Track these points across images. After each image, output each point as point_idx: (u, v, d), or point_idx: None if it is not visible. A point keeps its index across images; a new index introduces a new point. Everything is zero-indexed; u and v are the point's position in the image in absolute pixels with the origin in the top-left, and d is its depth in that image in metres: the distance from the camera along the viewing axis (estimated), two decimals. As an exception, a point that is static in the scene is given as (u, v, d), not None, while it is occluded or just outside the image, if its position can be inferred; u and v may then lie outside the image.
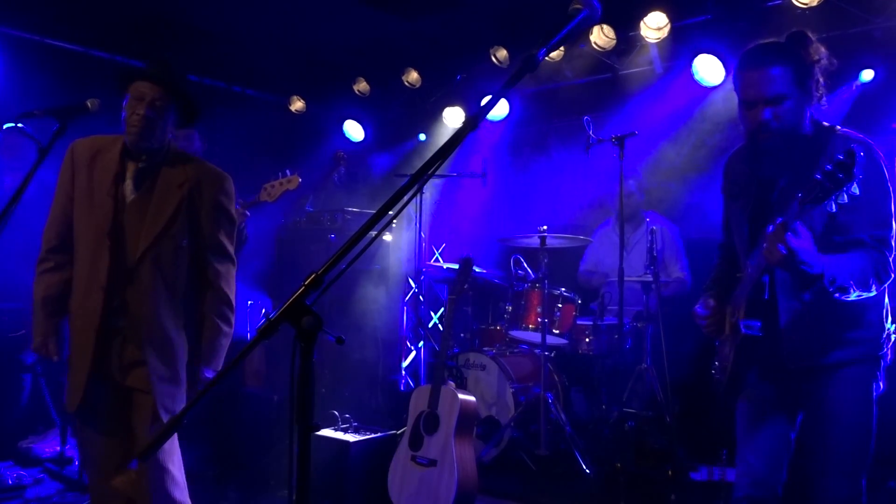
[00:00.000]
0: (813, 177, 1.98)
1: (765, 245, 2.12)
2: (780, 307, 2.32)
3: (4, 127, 4.29)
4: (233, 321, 2.85)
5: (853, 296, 2.19)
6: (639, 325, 4.85)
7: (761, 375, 2.44)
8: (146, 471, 2.61)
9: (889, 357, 2.39)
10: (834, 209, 1.99)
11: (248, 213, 4.09)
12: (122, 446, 2.71)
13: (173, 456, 2.69)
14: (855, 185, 1.95)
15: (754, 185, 2.44)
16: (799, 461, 2.44)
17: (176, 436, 2.78)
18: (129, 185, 2.69)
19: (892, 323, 2.41)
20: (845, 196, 1.96)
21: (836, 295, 2.19)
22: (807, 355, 2.31)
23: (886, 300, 2.38)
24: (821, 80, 2.33)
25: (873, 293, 2.26)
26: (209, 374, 2.76)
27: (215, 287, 2.80)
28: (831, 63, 2.34)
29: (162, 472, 2.62)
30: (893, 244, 2.27)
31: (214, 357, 2.78)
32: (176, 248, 2.70)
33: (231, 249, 2.86)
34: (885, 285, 2.28)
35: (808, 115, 2.33)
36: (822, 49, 2.33)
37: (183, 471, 2.74)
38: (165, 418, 2.63)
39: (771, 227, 2.09)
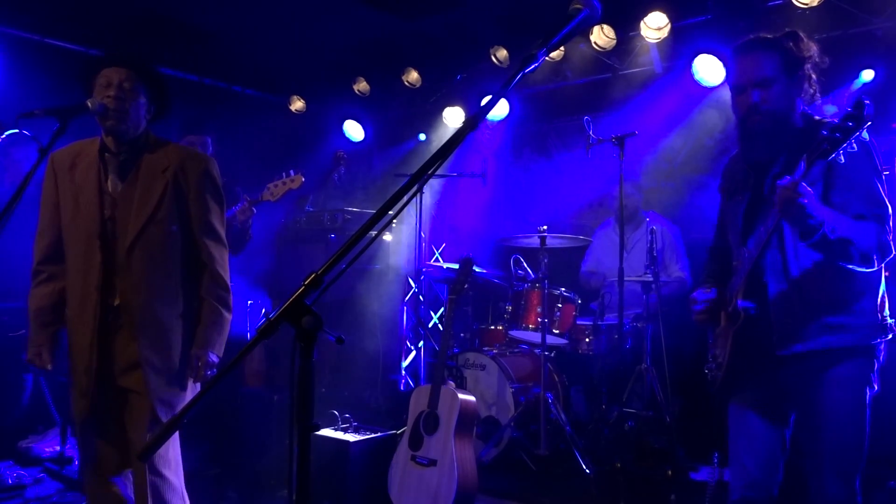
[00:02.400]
0: (819, 134, 2.02)
1: (778, 202, 2.12)
2: (769, 290, 2.33)
3: (4, 135, 4.27)
4: (231, 305, 2.81)
5: (857, 259, 2.20)
6: (639, 325, 4.85)
7: (754, 369, 2.43)
8: (143, 476, 2.59)
9: (883, 355, 2.37)
10: (843, 160, 2.03)
11: (255, 210, 4.08)
12: (119, 450, 2.70)
13: (171, 462, 2.67)
14: (865, 131, 1.99)
15: (751, 177, 2.46)
16: (793, 461, 2.44)
17: (178, 442, 2.76)
18: (113, 179, 2.69)
19: (892, 316, 2.39)
20: (854, 144, 2.00)
21: (841, 261, 2.21)
22: (795, 338, 2.30)
23: (882, 288, 2.37)
24: (813, 76, 2.38)
25: (875, 267, 2.26)
26: (214, 359, 2.73)
27: (211, 271, 2.76)
28: (822, 61, 2.39)
29: (158, 477, 2.60)
30: (892, 225, 2.29)
31: (218, 340, 2.75)
32: (166, 235, 2.67)
33: (222, 232, 2.83)
34: (886, 261, 2.28)
35: (799, 107, 2.37)
36: (814, 46, 2.38)
37: (182, 477, 2.72)
38: (163, 413, 2.61)
39: (786, 180, 2.09)
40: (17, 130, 2.67)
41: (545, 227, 4.65)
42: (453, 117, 6.46)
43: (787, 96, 2.33)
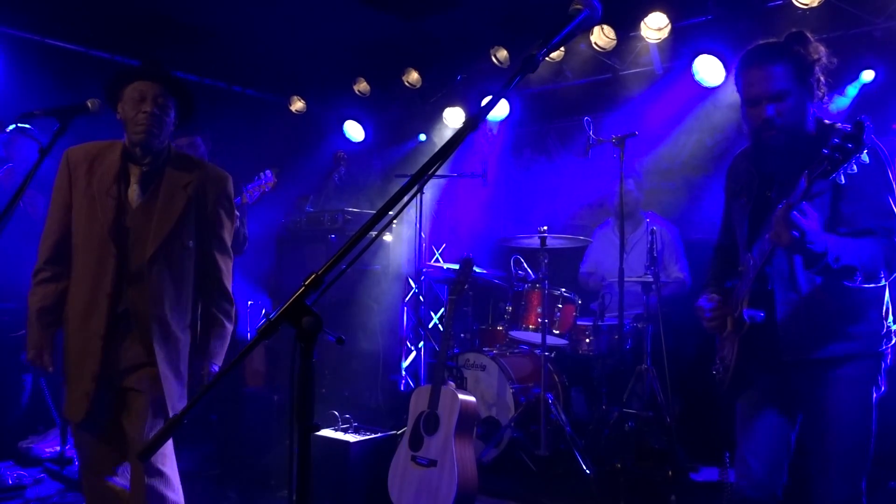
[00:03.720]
0: (819, 153, 1.99)
1: (772, 229, 2.11)
2: (776, 299, 2.33)
3: (7, 129, 4.28)
4: (234, 316, 2.90)
5: (861, 281, 2.18)
6: (639, 325, 4.85)
7: (761, 371, 2.43)
8: (141, 474, 2.59)
9: (889, 358, 2.37)
10: (843, 181, 2.00)
11: (238, 214, 4.15)
12: (117, 448, 2.70)
13: (167, 460, 2.68)
14: (866, 153, 1.95)
15: (756, 181, 2.45)
16: (799, 463, 2.44)
17: (171, 441, 2.77)
18: (134, 189, 2.68)
19: (895, 321, 2.40)
20: (855, 166, 1.97)
21: (844, 281, 2.19)
22: (803, 347, 2.31)
23: (887, 296, 2.37)
24: (822, 78, 2.35)
25: (882, 283, 2.26)
26: (215, 369, 2.80)
27: (218, 284, 2.84)
28: (831, 62, 2.36)
29: (156, 474, 2.61)
30: None
31: (220, 352, 2.83)
32: (183, 249, 2.71)
33: (229, 245, 2.91)
34: (894, 275, 2.27)
35: (811, 113, 2.35)
36: (822, 48, 2.35)
37: (177, 473, 2.73)
38: (171, 413, 2.63)
39: (778, 209, 2.08)
40: (14, 126, 2.68)
41: (545, 228, 4.65)
42: (453, 117, 6.46)
43: (801, 106, 2.31)
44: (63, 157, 2.72)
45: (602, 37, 5.41)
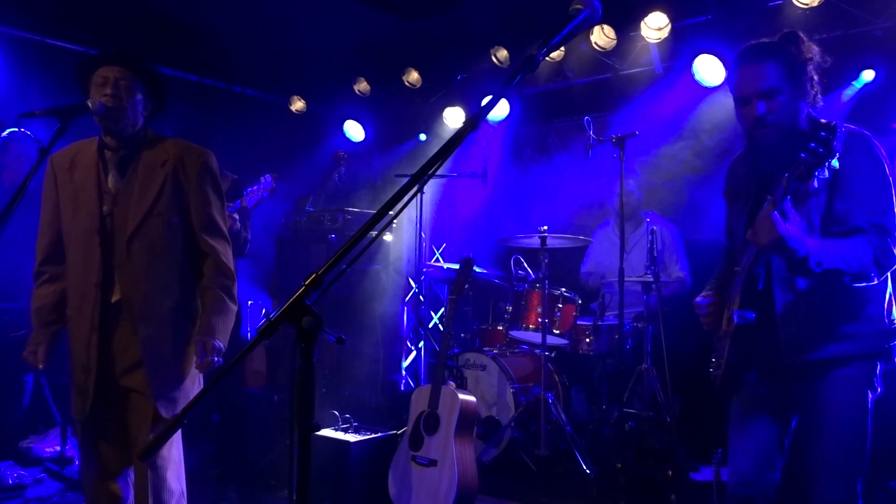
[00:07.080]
0: (798, 156, 2.03)
1: (753, 228, 2.13)
2: (776, 299, 2.32)
3: (6, 133, 4.28)
4: (235, 295, 2.77)
5: (850, 282, 2.18)
6: (639, 325, 4.85)
7: (758, 374, 2.43)
8: (143, 476, 2.58)
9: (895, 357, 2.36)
10: (817, 185, 2.07)
11: (237, 217, 4.13)
12: (121, 450, 2.69)
13: (172, 464, 2.66)
14: (836, 158, 2.00)
15: (753, 184, 2.45)
16: (794, 464, 2.43)
17: (180, 443, 2.75)
18: (113, 175, 2.68)
19: None
20: (826, 171, 2.02)
21: (842, 279, 2.19)
22: (804, 348, 2.29)
23: (889, 292, 2.36)
24: (815, 77, 2.34)
25: (874, 281, 2.24)
26: (220, 345, 2.67)
27: (216, 260, 2.73)
28: (824, 61, 2.35)
29: (159, 479, 2.59)
30: (894, 233, 2.25)
31: (222, 328, 2.68)
32: (166, 226, 2.66)
33: (224, 227, 2.81)
34: (888, 272, 2.25)
35: (805, 112, 2.34)
36: (815, 47, 2.34)
37: (183, 479, 2.71)
38: (166, 411, 2.59)
39: (763, 207, 2.10)
40: (16, 129, 2.67)
41: (545, 228, 4.65)
42: (453, 117, 6.46)
43: (793, 104, 2.29)
44: (48, 162, 2.72)
45: (602, 37, 5.41)
